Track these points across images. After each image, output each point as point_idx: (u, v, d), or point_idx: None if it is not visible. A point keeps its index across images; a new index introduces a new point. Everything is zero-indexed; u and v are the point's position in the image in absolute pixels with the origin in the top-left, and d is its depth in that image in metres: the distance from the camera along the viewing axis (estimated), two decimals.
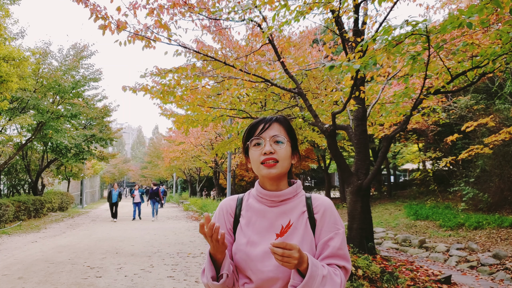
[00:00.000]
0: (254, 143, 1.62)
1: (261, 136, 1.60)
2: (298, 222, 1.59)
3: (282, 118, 1.68)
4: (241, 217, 1.67)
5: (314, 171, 39.12)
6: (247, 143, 1.65)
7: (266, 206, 1.63)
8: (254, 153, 1.61)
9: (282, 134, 1.62)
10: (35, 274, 7.29)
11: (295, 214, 1.60)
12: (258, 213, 1.64)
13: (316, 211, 1.60)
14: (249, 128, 1.66)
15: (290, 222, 1.47)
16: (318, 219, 1.59)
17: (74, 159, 20.27)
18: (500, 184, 12.93)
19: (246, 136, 1.67)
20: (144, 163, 62.55)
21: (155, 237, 12.62)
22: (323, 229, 1.57)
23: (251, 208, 1.67)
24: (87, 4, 6.16)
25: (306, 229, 1.57)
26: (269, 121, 1.64)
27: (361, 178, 7.66)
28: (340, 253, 1.53)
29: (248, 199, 1.71)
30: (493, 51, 5.67)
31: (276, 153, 1.57)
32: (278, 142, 1.59)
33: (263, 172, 1.58)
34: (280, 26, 6.35)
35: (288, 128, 1.67)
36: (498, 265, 8.61)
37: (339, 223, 1.60)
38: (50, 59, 17.46)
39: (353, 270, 5.82)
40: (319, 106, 9.63)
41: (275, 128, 1.62)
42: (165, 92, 7.89)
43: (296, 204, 1.62)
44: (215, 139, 23.63)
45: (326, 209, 1.60)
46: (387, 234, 13.26)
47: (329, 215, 1.59)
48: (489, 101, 14.75)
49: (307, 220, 1.59)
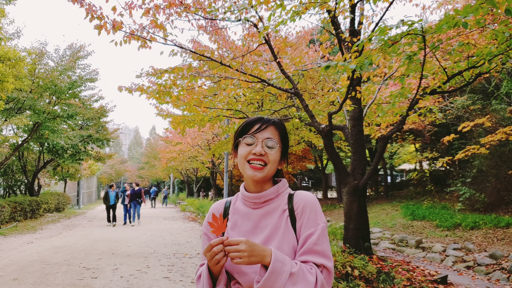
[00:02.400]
0: (246, 141, 1.60)
1: (255, 135, 1.59)
2: (279, 221, 1.57)
3: (279, 123, 1.67)
4: (228, 221, 1.66)
5: (311, 172, 39.16)
6: (239, 139, 1.64)
7: (250, 209, 1.63)
8: (244, 150, 1.60)
9: (276, 139, 1.61)
10: (30, 275, 7.26)
11: (277, 213, 1.59)
12: (243, 216, 1.63)
13: (296, 207, 1.58)
14: (244, 125, 1.65)
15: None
16: (298, 215, 1.56)
17: (70, 159, 20.22)
18: (497, 184, 12.96)
19: (240, 132, 1.65)
20: (141, 164, 62.56)
21: (151, 238, 12.60)
22: (303, 225, 1.54)
23: (237, 211, 1.67)
24: (82, 4, 6.12)
25: (286, 227, 1.55)
26: (266, 122, 1.63)
27: (357, 178, 7.65)
28: (316, 249, 1.48)
29: (236, 202, 1.71)
30: (489, 51, 5.66)
31: (266, 155, 1.57)
32: (270, 146, 1.58)
33: (248, 172, 1.58)
34: (276, 26, 6.33)
35: (283, 133, 1.66)
36: (494, 265, 8.62)
37: (319, 218, 1.56)
38: (46, 60, 17.44)
39: (349, 270, 5.82)
40: (316, 106, 9.62)
41: (270, 131, 1.61)
42: (161, 92, 7.87)
43: (279, 204, 1.61)
44: (212, 139, 23.62)
45: (306, 204, 1.57)
46: (384, 234, 13.26)
47: (309, 211, 1.56)
48: (485, 101, 14.79)
49: (288, 217, 1.57)
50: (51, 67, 17.19)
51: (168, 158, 28.62)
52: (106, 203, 17.68)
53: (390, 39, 4.79)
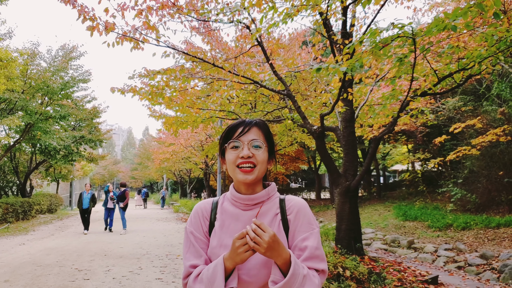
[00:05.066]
0: (231, 145, 1.62)
1: (240, 139, 1.60)
2: (271, 224, 1.59)
3: (261, 123, 1.68)
4: (216, 221, 1.66)
5: (304, 172, 39.28)
6: (224, 145, 1.66)
7: (240, 210, 1.64)
8: (231, 155, 1.61)
9: (261, 139, 1.62)
10: (21, 277, 7.23)
11: (268, 216, 1.61)
12: (231, 217, 1.64)
13: (289, 212, 1.60)
14: (228, 130, 1.66)
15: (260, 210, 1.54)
16: (292, 220, 1.59)
17: (63, 160, 20.11)
18: (488, 185, 13.07)
19: (224, 138, 1.67)
20: (134, 165, 62.37)
21: (144, 239, 12.57)
22: (297, 229, 1.57)
23: (225, 211, 1.67)
24: (74, 5, 6.13)
25: (279, 231, 1.57)
26: (248, 124, 1.64)
27: (349, 179, 7.70)
28: (317, 254, 1.53)
29: (223, 202, 1.71)
30: (479, 54, 5.73)
31: (254, 157, 1.58)
32: (256, 146, 1.60)
33: (239, 177, 1.59)
34: (268, 28, 6.37)
35: (267, 133, 1.67)
36: (485, 265, 8.70)
37: (313, 223, 1.59)
38: (38, 60, 17.33)
39: (340, 271, 5.85)
40: (308, 107, 9.66)
41: (254, 132, 1.63)
42: (154, 94, 7.87)
43: (270, 207, 1.63)
44: (205, 140, 23.57)
45: (300, 209, 1.60)
46: (376, 235, 13.32)
47: (303, 216, 1.59)
48: (476, 103, 14.92)
49: (280, 222, 1.59)
50: (43, 68, 17.12)
51: (161, 159, 28.54)
52: (79, 207, 14.65)
53: (381, 42, 4.84)
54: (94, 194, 15.04)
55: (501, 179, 12.72)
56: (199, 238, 1.63)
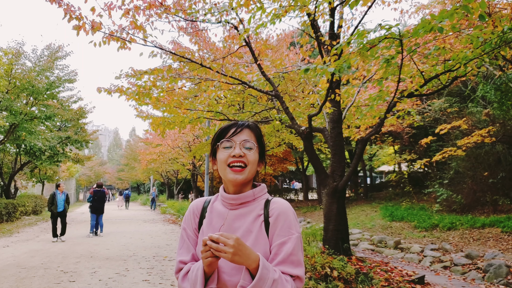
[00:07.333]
0: (224, 145, 1.64)
1: (232, 139, 1.63)
2: (253, 225, 1.60)
3: (254, 126, 1.71)
4: (205, 219, 1.70)
5: (292, 173, 39.32)
6: (216, 144, 1.68)
7: (227, 209, 1.66)
8: (223, 154, 1.63)
9: (252, 140, 1.65)
10: (5, 280, 7.11)
11: (250, 217, 1.61)
12: (218, 215, 1.66)
13: (271, 214, 1.60)
14: (220, 131, 1.69)
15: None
16: (272, 222, 1.58)
17: (48, 161, 19.87)
18: (473, 186, 13.22)
19: (216, 138, 1.69)
20: (120, 166, 61.82)
21: (131, 241, 12.47)
22: (276, 233, 1.56)
23: (214, 210, 1.70)
24: (60, 4, 6.05)
25: (260, 232, 1.57)
26: (241, 126, 1.67)
27: (336, 180, 7.72)
28: (292, 259, 1.51)
29: (215, 201, 1.74)
30: (465, 56, 5.79)
31: (245, 157, 1.61)
32: (248, 147, 1.62)
33: (229, 176, 1.60)
34: (256, 28, 6.36)
35: (258, 135, 1.71)
36: (470, 265, 8.79)
37: (293, 228, 1.58)
38: (23, 60, 17.13)
39: (328, 271, 5.87)
40: (296, 108, 9.68)
41: (246, 133, 1.65)
42: (141, 94, 7.81)
43: (254, 207, 1.64)
44: (192, 141, 23.48)
45: (281, 212, 1.59)
46: (363, 235, 13.39)
47: (283, 219, 1.58)
48: (462, 104, 15.09)
49: (262, 223, 1.59)
50: (28, 68, 16.92)
51: (148, 160, 28.36)
52: (53, 210, 12.81)
53: (368, 43, 4.86)
54: (68, 195, 13.57)
55: (486, 180, 12.88)
56: (190, 235, 1.70)
